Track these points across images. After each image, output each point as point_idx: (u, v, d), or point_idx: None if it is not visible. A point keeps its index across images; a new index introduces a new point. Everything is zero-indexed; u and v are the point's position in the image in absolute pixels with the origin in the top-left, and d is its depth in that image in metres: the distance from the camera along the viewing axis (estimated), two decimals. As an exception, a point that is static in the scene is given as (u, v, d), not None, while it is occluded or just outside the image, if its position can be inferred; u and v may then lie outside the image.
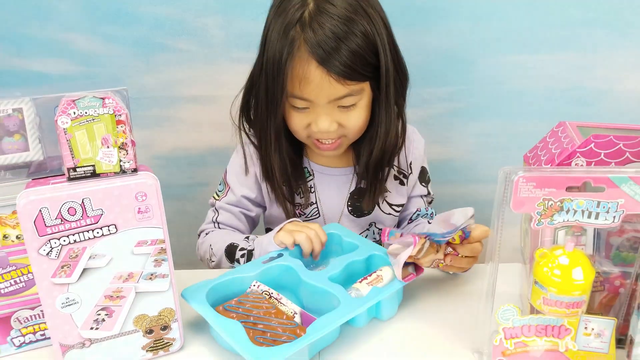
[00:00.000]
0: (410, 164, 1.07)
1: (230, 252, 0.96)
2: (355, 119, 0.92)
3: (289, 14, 0.86)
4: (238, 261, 0.94)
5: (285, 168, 0.99)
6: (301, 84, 0.87)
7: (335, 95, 0.88)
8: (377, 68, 0.89)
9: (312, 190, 1.05)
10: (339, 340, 0.76)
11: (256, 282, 0.81)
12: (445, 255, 0.81)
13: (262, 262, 0.84)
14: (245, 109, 0.99)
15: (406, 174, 1.07)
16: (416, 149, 1.08)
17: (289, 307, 0.77)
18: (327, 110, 0.90)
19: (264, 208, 1.10)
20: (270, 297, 0.79)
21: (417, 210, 1.10)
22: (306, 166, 1.05)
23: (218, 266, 1.00)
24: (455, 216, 0.82)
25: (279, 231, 0.90)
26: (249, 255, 0.93)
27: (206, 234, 1.06)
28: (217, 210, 1.07)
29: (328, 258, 0.91)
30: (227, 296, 0.79)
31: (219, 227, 1.06)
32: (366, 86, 0.91)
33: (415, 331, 0.79)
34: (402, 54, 0.94)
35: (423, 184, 1.11)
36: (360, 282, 0.80)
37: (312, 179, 1.05)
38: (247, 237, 0.98)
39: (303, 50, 0.85)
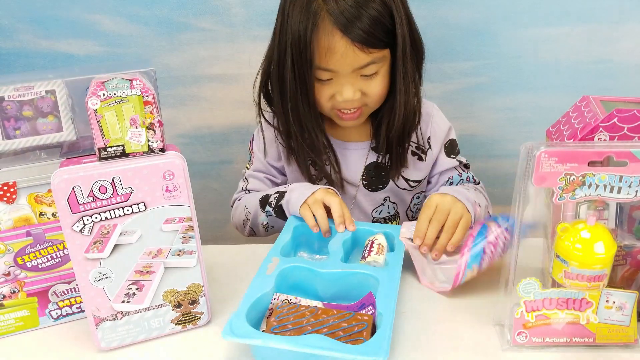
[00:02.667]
0: (429, 139, 1.06)
1: (264, 200, 0.99)
2: (377, 87, 0.94)
3: None
4: (270, 204, 0.98)
5: (323, 139, 1.01)
6: (327, 55, 0.88)
7: (359, 63, 0.90)
8: (395, 35, 0.90)
9: (328, 163, 1.06)
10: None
11: (276, 295, 0.75)
12: None
13: (266, 273, 0.77)
14: (264, 91, 1.00)
15: (424, 149, 1.07)
16: (437, 125, 1.07)
17: (311, 304, 0.75)
18: (351, 80, 0.92)
19: None
20: (290, 302, 0.74)
21: (449, 179, 1.09)
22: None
23: (253, 227, 1.03)
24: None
25: (309, 197, 0.90)
26: (281, 195, 0.96)
27: (238, 200, 1.10)
28: (246, 179, 1.11)
29: (300, 250, 0.91)
30: (257, 318, 0.73)
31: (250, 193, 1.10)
32: (386, 53, 0.92)
33: (436, 304, 0.80)
34: (418, 27, 0.95)
35: (452, 156, 1.09)
36: (368, 254, 0.82)
37: (328, 152, 1.06)
38: (278, 186, 1.02)
39: (327, 22, 0.87)
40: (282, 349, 0.64)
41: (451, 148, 1.10)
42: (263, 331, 0.70)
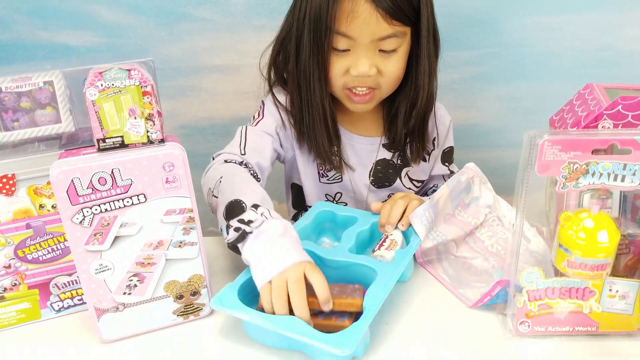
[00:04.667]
0: (434, 140, 1.06)
1: (232, 210, 0.76)
2: (394, 66, 0.91)
3: None
4: (229, 227, 0.74)
5: (333, 115, 0.98)
6: (348, 18, 0.86)
7: (380, 34, 0.87)
8: (419, 15, 0.88)
9: (335, 153, 1.03)
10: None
11: None
12: None
13: None
14: (275, 66, 0.99)
15: (429, 150, 1.06)
16: (442, 125, 1.07)
17: None
18: (368, 53, 0.89)
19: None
20: None
21: (433, 186, 1.10)
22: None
23: (214, 208, 0.83)
24: None
25: (276, 275, 0.69)
26: (242, 235, 0.73)
27: (225, 160, 0.91)
28: (246, 136, 0.97)
29: (323, 235, 0.91)
30: (253, 292, 0.73)
31: (245, 154, 0.94)
32: (408, 32, 0.90)
33: (439, 293, 0.80)
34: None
35: (445, 164, 1.09)
36: (378, 248, 0.81)
37: (335, 141, 1.03)
38: (256, 207, 0.75)
39: None
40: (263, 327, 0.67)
41: (447, 155, 1.09)
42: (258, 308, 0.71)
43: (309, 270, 0.69)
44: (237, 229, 0.74)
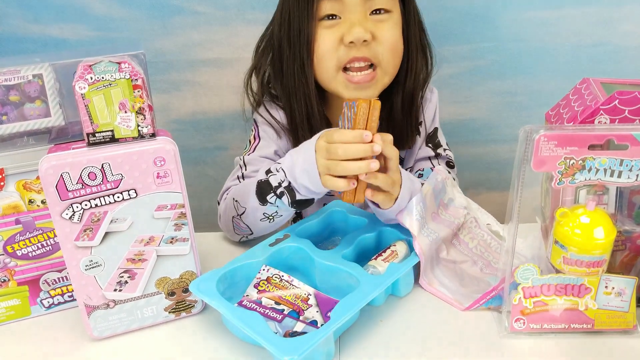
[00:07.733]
0: (420, 124, 1.02)
1: (262, 194, 0.81)
2: (389, 32, 0.87)
3: None
4: (276, 200, 0.80)
5: (320, 108, 0.93)
6: None
7: None
8: None
9: None
10: (357, 321, 0.73)
11: (265, 267, 0.76)
12: None
13: (269, 244, 0.80)
14: (263, 78, 0.96)
15: (416, 138, 1.02)
16: (430, 110, 1.03)
17: (302, 288, 0.74)
18: (360, 16, 0.85)
19: None
20: (281, 279, 0.75)
21: (419, 170, 1.03)
22: None
23: (250, 225, 0.87)
24: None
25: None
26: (291, 192, 0.79)
27: (227, 194, 0.93)
28: (245, 165, 0.95)
29: (335, 236, 0.89)
30: (237, 283, 0.76)
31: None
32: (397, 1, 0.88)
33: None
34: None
35: (430, 145, 1.04)
36: (375, 259, 0.78)
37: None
38: (269, 171, 0.81)
39: None
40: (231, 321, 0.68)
41: (432, 137, 1.04)
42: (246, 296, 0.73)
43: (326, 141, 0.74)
44: (280, 194, 0.79)
